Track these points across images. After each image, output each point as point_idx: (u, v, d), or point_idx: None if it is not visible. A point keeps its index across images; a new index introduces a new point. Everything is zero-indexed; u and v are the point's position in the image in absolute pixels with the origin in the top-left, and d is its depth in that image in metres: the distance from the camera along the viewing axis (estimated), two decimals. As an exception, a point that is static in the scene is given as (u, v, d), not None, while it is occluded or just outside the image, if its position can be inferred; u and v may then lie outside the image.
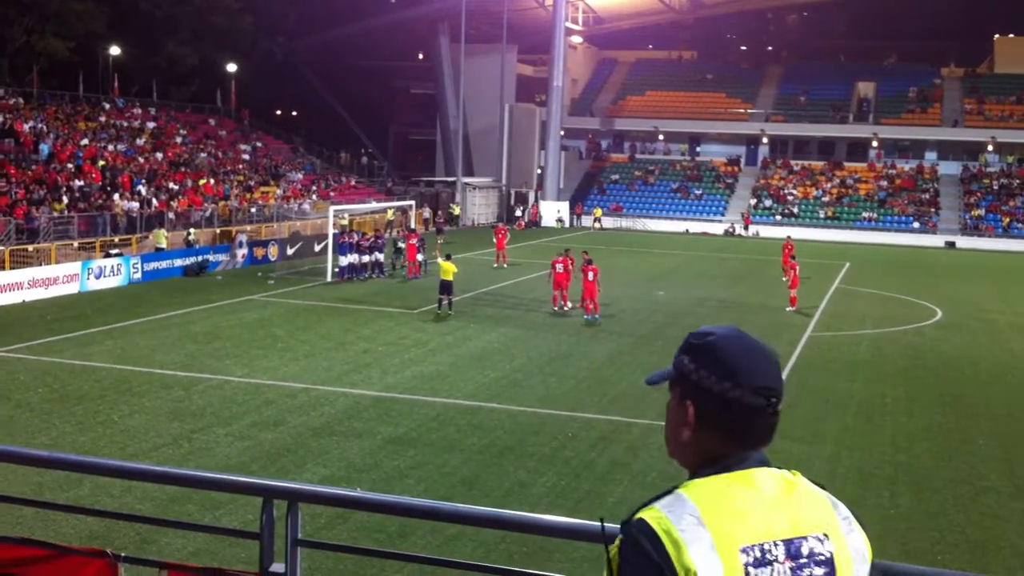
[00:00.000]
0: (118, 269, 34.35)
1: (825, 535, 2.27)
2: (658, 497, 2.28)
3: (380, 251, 38.23)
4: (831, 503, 2.35)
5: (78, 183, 41.75)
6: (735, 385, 2.31)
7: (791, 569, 2.21)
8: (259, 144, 61.28)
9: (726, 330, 2.40)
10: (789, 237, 44.08)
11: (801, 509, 2.28)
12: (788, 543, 2.23)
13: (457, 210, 65.30)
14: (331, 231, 39.03)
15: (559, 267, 30.32)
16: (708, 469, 2.32)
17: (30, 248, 34.44)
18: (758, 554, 2.19)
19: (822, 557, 2.25)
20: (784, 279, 36.80)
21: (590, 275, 28.83)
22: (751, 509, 2.23)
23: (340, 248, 36.84)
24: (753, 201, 70.06)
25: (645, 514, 2.22)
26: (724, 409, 2.32)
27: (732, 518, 2.20)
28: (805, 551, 2.24)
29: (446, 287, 29.35)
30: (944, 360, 25.26)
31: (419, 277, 37.60)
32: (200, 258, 38.09)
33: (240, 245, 40.71)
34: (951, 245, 63.14)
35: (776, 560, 2.20)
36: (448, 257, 30.53)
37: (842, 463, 16.22)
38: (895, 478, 15.60)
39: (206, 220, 44.23)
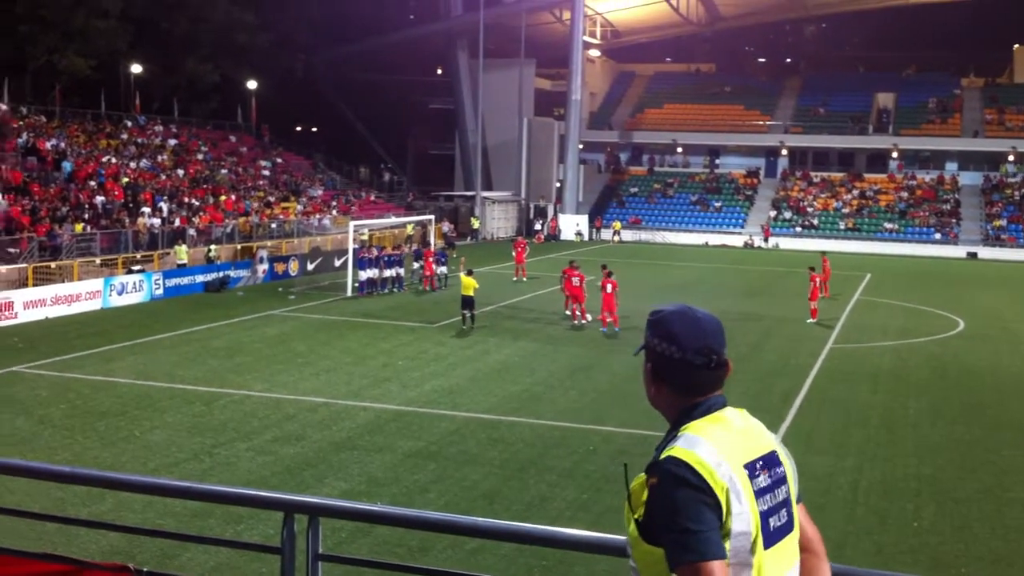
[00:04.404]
0: (140, 285, 34.56)
1: (774, 451, 2.98)
2: (669, 442, 2.87)
3: (400, 265, 38.32)
4: (765, 428, 3.03)
5: (100, 199, 42.04)
6: (678, 348, 2.95)
7: (769, 476, 2.90)
8: (279, 160, 61.56)
9: (674, 307, 3.07)
10: (823, 255, 40.73)
11: (758, 435, 2.98)
12: (763, 458, 2.92)
13: (477, 223, 65.41)
14: (351, 246, 39.21)
15: (575, 280, 30.18)
16: (692, 415, 2.93)
17: (53, 265, 34.70)
18: (752, 469, 2.85)
19: (780, 466, 2.97)
20: (824, 296, 34.75)
21: (608, 287, 28.77)
22: (735, 438, 2.89)
23: (360, 263, 36.95)
24: (773, 213, 69.84)
25: (673, 452, 2.80)
26: (669, 366, 2.97)
27: (729, 446, 2.85)
28: (772, 463, 2.93)
29: (467, 302, 29.22)
30: (967, 371, 25.07)
31: (436, 290, 37.70)
32: (221, 274, 38.27)
33: (261, 260, 40.89)
34: (973, 256, 62.69)
35: (761, 471, 2.88)
36: (469, 272, 30.03)
37: (865, 475, 16.10)
38: (919, 490, 15.47)
39: (227, 236, 44.44)
